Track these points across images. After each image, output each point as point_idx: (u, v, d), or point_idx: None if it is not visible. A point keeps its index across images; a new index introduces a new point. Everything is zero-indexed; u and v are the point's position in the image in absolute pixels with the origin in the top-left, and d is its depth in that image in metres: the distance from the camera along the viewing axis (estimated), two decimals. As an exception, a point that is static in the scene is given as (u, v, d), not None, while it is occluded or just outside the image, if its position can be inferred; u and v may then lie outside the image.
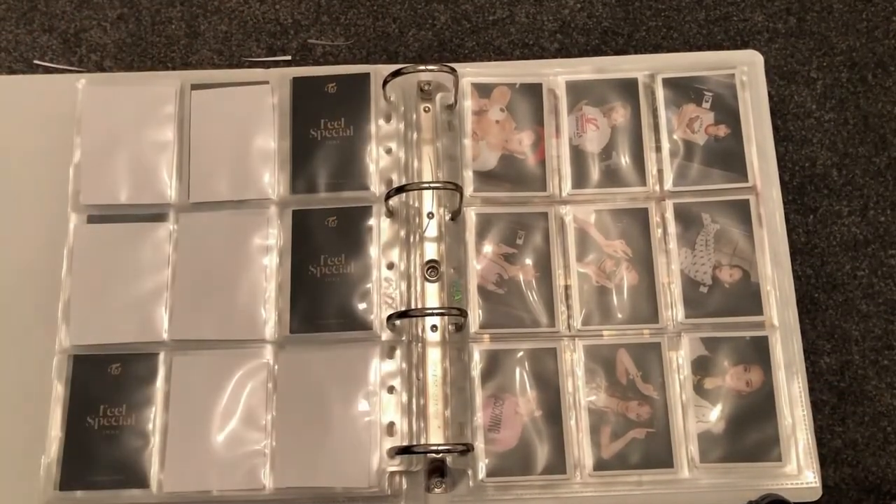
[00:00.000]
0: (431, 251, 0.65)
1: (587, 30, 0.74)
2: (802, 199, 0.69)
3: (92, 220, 0.65)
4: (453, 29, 0.74)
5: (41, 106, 0.70)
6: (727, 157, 0.66)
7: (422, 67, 0.64)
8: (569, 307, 0.64)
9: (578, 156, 0.67)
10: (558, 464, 0.60)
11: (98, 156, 0.66)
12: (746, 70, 0.68)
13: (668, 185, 0.66)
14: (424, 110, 0.68)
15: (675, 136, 0.67)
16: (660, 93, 0.68)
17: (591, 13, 0.74)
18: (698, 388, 0.62)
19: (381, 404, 0.61)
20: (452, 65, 0.65)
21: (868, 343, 0.66)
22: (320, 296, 0.63)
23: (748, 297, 0.63)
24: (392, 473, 0.60)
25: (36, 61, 0.73)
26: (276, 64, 0.73)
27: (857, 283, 0.67)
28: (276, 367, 0.62)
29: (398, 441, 0.60)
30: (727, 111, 0.67)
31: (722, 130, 0.67)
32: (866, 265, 0.68)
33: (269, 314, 0.63)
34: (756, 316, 0.63)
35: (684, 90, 0.68)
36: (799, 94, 0.72)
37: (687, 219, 0.65)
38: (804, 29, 0.74)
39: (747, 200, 0.65)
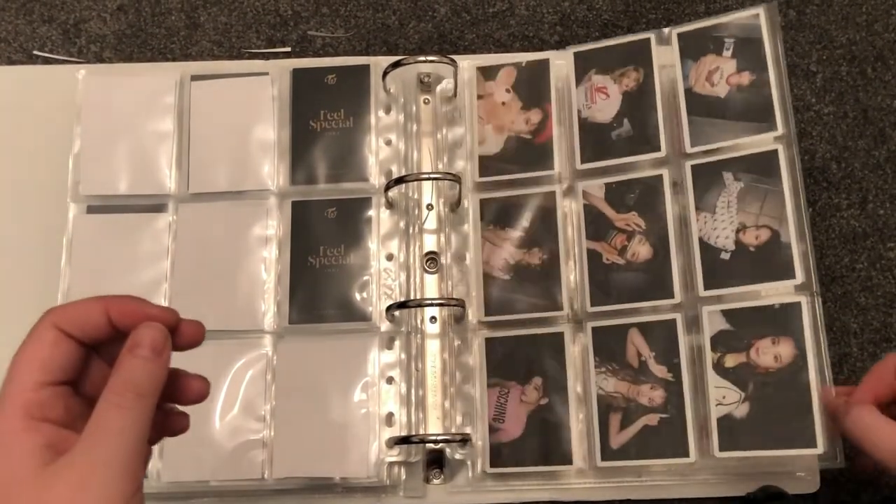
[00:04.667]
0: (431, 242, 0.65)
1: (587, 22, 0.74)
2: (801, 192, 0.69)
3: (91, 210, 0.65)
4: (453, 21, 0.74)
5: (41, 96, 0.70)
6: (752, 106, 0.60)
7: (421, 59, 0.64)
8: (577, 289, 0.62)
9: (588, 128, 0.64)
10: (563, 454, 0.59)
11: (98, 146, 0.66)
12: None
13: (686, 146, 0.61)
14: (424, 102, 0.68)
15: (694, 91, 0.62)
16: (675, 49, 0.63)
17: (590, 6, 0.74)
18: (718, 368, 0.57)
19: (380, 395, 0.61)
20: (452, 56, 0.65)
21: (867, 336, 0.66)
22: (319, 287, 0.63)
23: (778, 260, 0.56)
24: (391, 464, 0.60)
25: (35, 52, 0.73)
26: (276, 55, 0.73)
27: (855, 275, 0.67)
28: (275, 357, 0.62)
29: (397, 431, 0.60)
30: (751, 56, 0.61)
31: (745, 78, 0.61)
32: (865, 258, 0.68)
33: (268, 305, 0.63)
34: (787, 280, 0.56)
35: (701, 41, 0.63)
36: (798, 87, 0.72)
37: (706, 181, 0.60)
38: (804, 22, 0.74)
39: (776, 151, 0.58)
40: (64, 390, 0.39)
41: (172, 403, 0.43)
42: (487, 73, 0.67)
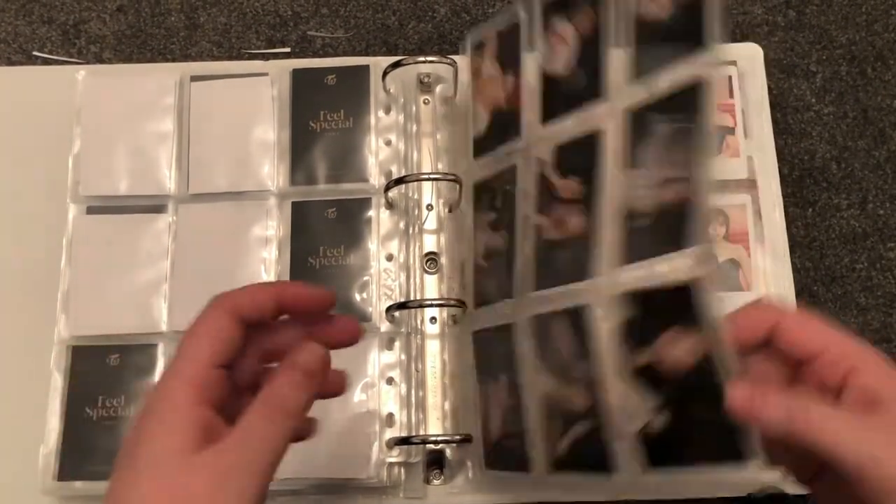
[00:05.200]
0: (430, 243, 0.65)
1: (587, 22, 0.74)
2: (801, 192, 0.69)
3: (91, 211, 0.65)
4: (453, 21, 0.74)
5: (40, 97, 0.70)
6: (691, 25, 0.43)
7: (421, 59, 0.64)
8: (523, 272, 0.54)
9: (549, 84, 0.54)
10: (523, 459, 0.54)
11: (97, 147, 0.66)
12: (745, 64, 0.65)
13: (622, 85, 0.48)
14: (424, 102, 0.68)
15: (642, 19, 0.47)
16: None
17: (590, 6, 0.74)
18: (629, 366, 0.45)
19: (380, 395, 0.61)
20: (452, 57, 0.65)
21: (866, 336, 0.66)
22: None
23: (687, 223, 0.42)
24: (391, 464, 0.60)
25: (35, 53, 0.73)
26: (276, 56, 0.73)
27: (855, 276, 0.67)
28: (275, 358, 0.62)
29: (397, 432, 0.60)
30: None
31: None
32: (865, 258, 0.68)
33: (269, 305, 0.63)
34: (688, 248, 0.42)
35: None
36: (798, 88, 0.72)
37: (641, 128, 0.46)
38: (804, 22, 0.74)
39: (701, 82, 0.43)
40: (224, 374, 0.39)
41: None
42: (477, 50, 0.62)
